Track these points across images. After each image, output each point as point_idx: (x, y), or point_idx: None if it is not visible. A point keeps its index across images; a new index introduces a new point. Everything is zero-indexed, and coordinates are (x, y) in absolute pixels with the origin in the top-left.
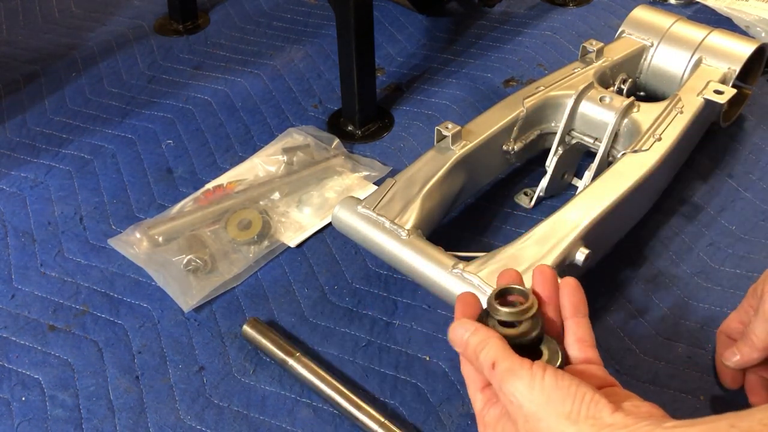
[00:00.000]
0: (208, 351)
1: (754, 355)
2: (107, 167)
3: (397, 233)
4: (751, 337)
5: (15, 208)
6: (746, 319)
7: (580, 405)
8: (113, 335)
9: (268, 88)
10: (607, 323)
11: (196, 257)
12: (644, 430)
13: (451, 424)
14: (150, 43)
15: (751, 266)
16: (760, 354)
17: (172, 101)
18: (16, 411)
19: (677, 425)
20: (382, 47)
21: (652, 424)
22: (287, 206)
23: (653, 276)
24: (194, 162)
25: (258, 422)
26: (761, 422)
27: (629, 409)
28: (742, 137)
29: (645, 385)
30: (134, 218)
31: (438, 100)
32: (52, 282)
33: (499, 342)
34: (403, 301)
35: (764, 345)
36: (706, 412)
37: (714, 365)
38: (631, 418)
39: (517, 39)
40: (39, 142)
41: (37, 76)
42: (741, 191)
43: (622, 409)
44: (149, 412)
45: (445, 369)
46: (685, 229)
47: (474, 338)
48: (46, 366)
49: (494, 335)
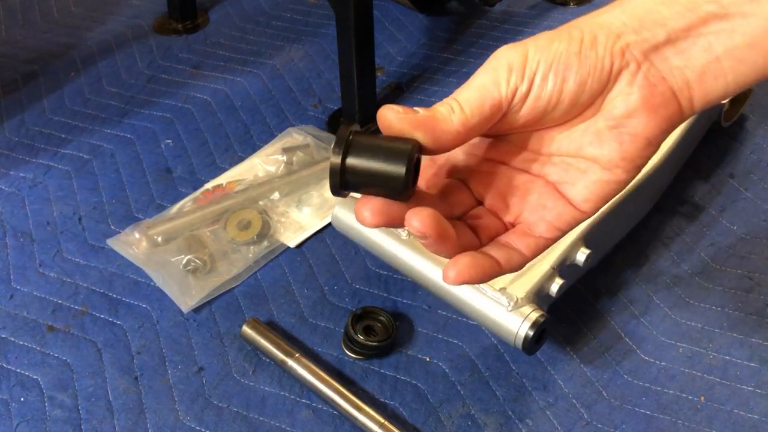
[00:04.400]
0: (207, 351)
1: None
2: (106, 167)
3: (397, 233)
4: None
5: (14, 208)
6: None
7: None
8: (112, 336)
9: (267, 88)
10: (608, 323)
11: (195, 257)
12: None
13: (451, 425)
14: (149, 43)
15: (752, 266)
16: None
17: (172, 101)
18: (15, 411)
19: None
20: (382, 47)
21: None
22: (287, 206)
23: (654, 276)
24: (193, 162)
25: (257, 423)
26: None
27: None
28: (744, 137)
29: (645, 385)
30: (133, 218)
31: (438, 99)
32: (51, 282)
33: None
34: (403, 302)
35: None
36: (706, 412)
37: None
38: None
39: (518, 38)
40: (38, 142)
41: (35, 76)
42: (742, 191)
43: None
44: (148, 413)
45: (445, 369)
46: (686, 229)
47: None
48: (45, 366)
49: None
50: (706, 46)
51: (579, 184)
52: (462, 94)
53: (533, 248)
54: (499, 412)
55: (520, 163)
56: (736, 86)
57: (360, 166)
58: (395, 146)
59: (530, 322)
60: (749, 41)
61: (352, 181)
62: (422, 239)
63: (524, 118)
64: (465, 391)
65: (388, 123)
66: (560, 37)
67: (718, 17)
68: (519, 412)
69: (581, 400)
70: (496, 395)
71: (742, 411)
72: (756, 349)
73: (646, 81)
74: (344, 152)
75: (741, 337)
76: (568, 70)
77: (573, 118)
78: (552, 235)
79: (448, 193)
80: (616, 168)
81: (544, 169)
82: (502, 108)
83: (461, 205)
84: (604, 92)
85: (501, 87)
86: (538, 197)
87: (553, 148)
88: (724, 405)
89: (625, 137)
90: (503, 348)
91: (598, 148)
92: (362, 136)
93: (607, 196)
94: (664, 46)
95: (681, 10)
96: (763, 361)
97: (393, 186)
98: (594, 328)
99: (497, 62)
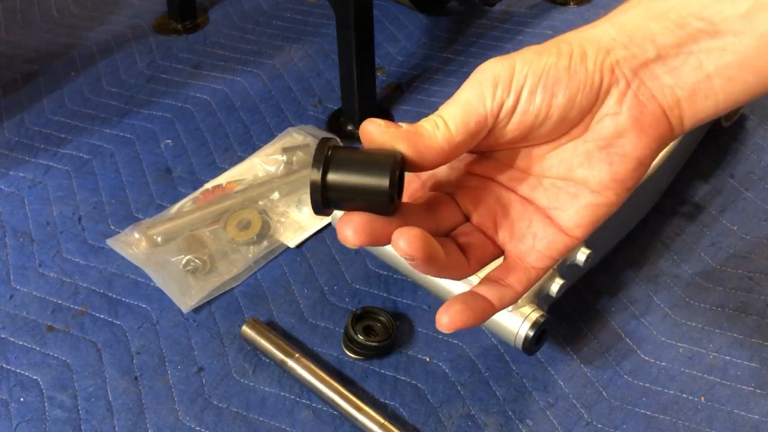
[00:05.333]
0: (207, 352)
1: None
2: (106, 167)
3: None
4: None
5: (13, 208)
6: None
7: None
8: (112, 336)
9: (267, 88)
10: (609, 324)
11: (195, 257)
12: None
13: (452, 425)
14: (149, 43)
15: (752, 266)
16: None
17: (171, 101)
18: (14, 412)
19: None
20: (382, 46)
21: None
22: (287, 206)
23: (654, 276)
24: (193, 162)
25: (257, 423)
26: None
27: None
28: (744, 137)
29: (646, 386)
30: (133, 218)
31: (438, 99)
32: (51, 282)
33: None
34: (403, 302)
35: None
36: (707, 412)
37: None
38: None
39: (518, 38)
40: (37, 142)
41: (35, 76)
42: (742, 191)
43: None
44: (148, 413)
45: (445, 370)
46: (686, 229)
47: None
48: (44, 367)
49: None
50: (697, 64)
51: (569, 210)
52: (447, 110)
53: (525, 282)
54: (499, 412)
55: (508, 181)
56: (727, 105)
57: (342, 182)
58: (377, 158)
59: (530, 323)
60: (740, 59)
61: (334, 198)
62: (409, 261)
63: (511, 134)
64: (465, 391)
65: (370, 136)
66: (549, 51)
67: (709, 34)
68: (519, 412)
69: (581, 400)
70: (496, 395)
71: (742, 411)
72: (756, 349)
73: (636, 100)
74: (324, 168)
75: (741, 337)
76: (557, 85)
77: (561, 136)
78: (544, 264)
79: (435, 206)
80: (606, 190)
81: (533, 194)
82: (487, 124)
83: (448, 220)
84: (593, 110)
85: (486, 102)
86: (527, 225)
87: (541, 168)
88: (725, 405)
89: (615, 158)
90: (503, 348)
91: (587, 169)
92: (342, 150)
93: (598, 220)
94: (654, 62)
95: (670, 26)
96: (764, 362)
97: (377, 200)
98: (594, 328)
99: (483, 75)
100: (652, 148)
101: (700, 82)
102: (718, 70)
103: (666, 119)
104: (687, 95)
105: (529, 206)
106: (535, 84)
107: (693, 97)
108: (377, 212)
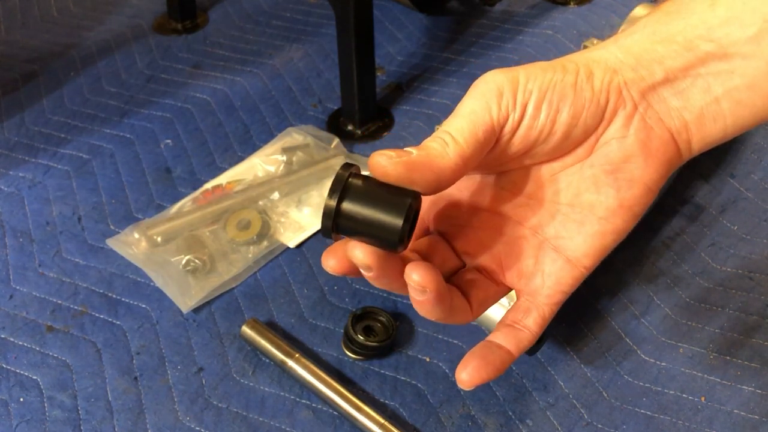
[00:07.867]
0: (207, 352)
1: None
2: (105, 167)
3: None
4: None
5: (13, 208)
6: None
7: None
8: (112, 336)
9: (267, 88)
10: (609, 324)
11: (194, 257)
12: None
13: (451, 426)
14: (149, 43)
15: (753, 266)
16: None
17: (171, 101)
18: (14, 412)
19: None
20: (382, 46)
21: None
22: (287, 206)
23: (654, 276)
24: (193, 162)
25: (257, 423)
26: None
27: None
28: (744, 137)
29: (646, 386)
30: (133, 218)
31: (438, 99)
32: (51, 282)
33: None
34: (403, 302)
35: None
36: (707, 413)
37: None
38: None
39: (518, 38)
40: (37, 142)
41: (35, 76)
42: (743, 191)
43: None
44: (148, 413)
45: (445, 370)
46: (686, 229)
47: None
48: (44, 367)
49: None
50: (705, 87)
51: (577, 239)
52: (452, 124)
53: (540, 321)
54: (499, 412)
55: (513, 210)
56: (735, 129)
57: (356, 212)
58: (394, 196)
59: None
60: (749, 83)
61: (345, 226)
62: (419, 295)
63: (515, 147)
64: (465, 391)
65: (383, 170)
66: (554, 68)
67: (717, 57)
68: (519, 412)
69: (581, 400)
70: (496, 395)
71: (742, 411)
72: (756, 349)
73: (643, 123)
74: (341, 195)
75: (741, 338)
76: (563, 101)
77: (564, 154)
78: (557, 299)
79: (431, 253)
80: (613, 217)
81: (539, 223)
82: (495, 132)
83: (445, 265)
84: (598, 130)
85: (492, 111)
86: (533, 262)
87: (549, 194)
88: (725, 405)
89: (623, 183)
90: None
91: (594, 194)
92: (361, 180)
93: (607, 248)
94: (661, 85)
95: (678, 49)
96: (764, 362)
97: (388, 238)
98: (594, 328)
99: (486, 86)
100: (660, 173)
101: (708, 105)
102: (727, 93)
103: (674, 143)
104: (695, 118)
105: (533, 239)
106: (540, 99)
107: (701, 120)
108: (385, 249)
